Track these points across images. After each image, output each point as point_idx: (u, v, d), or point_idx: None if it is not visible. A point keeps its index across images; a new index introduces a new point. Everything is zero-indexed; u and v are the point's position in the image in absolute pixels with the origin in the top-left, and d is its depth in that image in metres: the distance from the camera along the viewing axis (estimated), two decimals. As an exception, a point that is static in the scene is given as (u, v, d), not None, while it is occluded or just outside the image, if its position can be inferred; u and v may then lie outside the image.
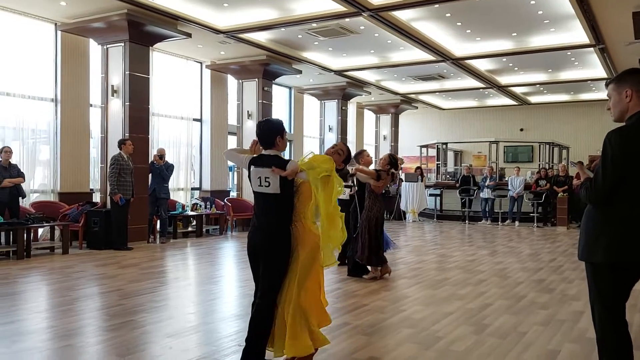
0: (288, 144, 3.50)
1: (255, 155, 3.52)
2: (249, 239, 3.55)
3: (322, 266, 3.46)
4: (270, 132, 3.45)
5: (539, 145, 18.18)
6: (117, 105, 9.90)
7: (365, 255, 6.67)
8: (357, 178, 6.88)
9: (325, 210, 3.35)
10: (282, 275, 3.39)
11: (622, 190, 2.68)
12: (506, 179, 15.97)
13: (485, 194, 15.34)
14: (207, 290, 6.14)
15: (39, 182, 9.97)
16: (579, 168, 3.06)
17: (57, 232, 9.13)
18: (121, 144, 9.27)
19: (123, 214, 9.18)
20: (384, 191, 7.11)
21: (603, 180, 2.68)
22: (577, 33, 11.05)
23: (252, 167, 3.45)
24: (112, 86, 9.90)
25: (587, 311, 3.00)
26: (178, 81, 12.28)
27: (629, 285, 2.79)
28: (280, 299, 3.39)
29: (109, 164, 9.24)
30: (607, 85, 2.90)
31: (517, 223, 14.82)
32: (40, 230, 9.15)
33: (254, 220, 3.55)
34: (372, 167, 7.95)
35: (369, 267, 6.84)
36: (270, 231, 3.40)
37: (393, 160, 7.05)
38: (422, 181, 16.05)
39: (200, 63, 13.01)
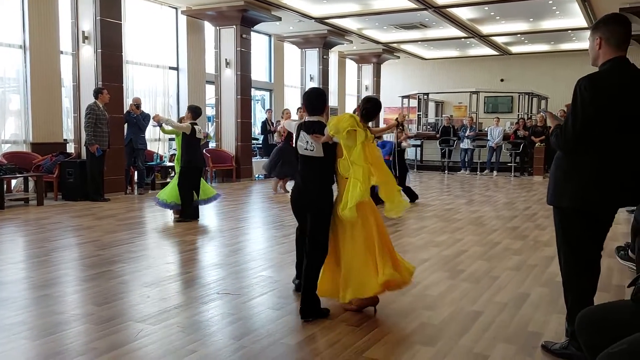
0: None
1: (303, 121, 3.77)
2: (294, 200, 3.81)
3: (389, 215, 3.76)
4: (321, 100, 3.76)
5: (519, 96, 18.22)
6: (88, 52, 9.58)
7: None
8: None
9: (365, 165, 3.48)
10: (327, 229, 3.65)
11: (591, 137, 2.69)
12: (485, 129, 16.06)
13: (465, 144, 15.44)
14: (186, 241, 6.14)
15: (10, 132, 9.72)
16: (549, 116, 3.07)
17: (31, 184, 8.99)
18: (97, 93, 9.01)
19: (99, 165, 9.04)
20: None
21: (573, 126, 2.69)
22: (559, -20, 10.89)
23: (301, 132, 3.68)
24: (83, 32, 9.54)
25: (557, 256, 3.08)
26: (152, 28, 11.89)
27: (596, 231, 2.85)
28: (333, 252, 3.69)
29: (84, 114, 9.01)
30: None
31: (495, 173, 15.00)
32: (13, 182, 9.00)
33: (298, 182, 3.77)
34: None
35: None
36: (315, 192, 3.64)
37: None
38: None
39: (176, 9, 12.59)
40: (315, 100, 3.74)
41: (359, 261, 3.59)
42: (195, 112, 7.30)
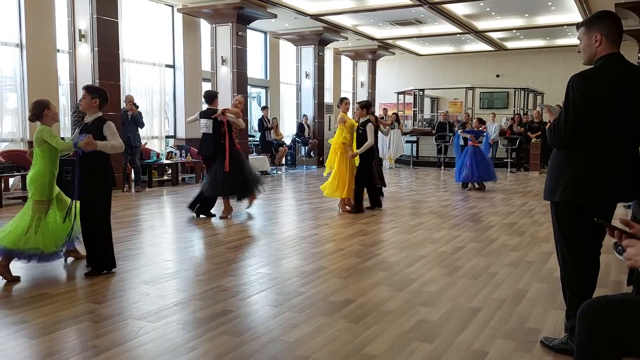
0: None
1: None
2: None
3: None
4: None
5: (514, 91, 18.25)
6: (85, 51, 9.55)
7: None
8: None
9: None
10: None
11: (584, 134, 2.71)
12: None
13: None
14: (184, 238, 6.15)
15: (8, 130, 9.68)
16: (547, 110, 3.08)
17: (28, 182, 8.95)
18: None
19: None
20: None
21: (565, 123, 2.72)
22: (555, -24, 10.90)
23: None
24: (80, 30, 9.52)
25: (555, 252, 3.10)
26: (149, 26, 11.85)
27: (593, 226, 2.84)
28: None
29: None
30: (578, 27, 2.88)
31: (491, 169, 15.01)
32: (11, 180, 8.97)
33: None
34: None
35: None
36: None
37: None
38: (398, 128, 16.06)
39: (172, 7, 12.55)
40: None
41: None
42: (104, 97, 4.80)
